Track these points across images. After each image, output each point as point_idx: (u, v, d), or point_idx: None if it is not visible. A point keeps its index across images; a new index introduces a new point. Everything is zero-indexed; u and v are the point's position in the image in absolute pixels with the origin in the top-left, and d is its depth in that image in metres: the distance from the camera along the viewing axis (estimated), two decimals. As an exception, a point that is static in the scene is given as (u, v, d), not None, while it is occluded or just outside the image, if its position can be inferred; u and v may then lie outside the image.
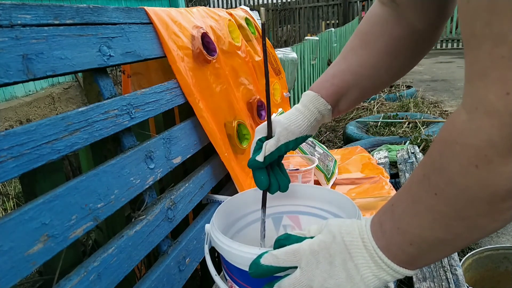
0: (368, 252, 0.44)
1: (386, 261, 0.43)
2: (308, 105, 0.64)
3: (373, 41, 0.63)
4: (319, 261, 0.46)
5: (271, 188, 0.63)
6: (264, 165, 0.61)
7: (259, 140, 0.63)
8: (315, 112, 0.64)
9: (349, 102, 0.66)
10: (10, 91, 3.62)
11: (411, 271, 0.44)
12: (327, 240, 0.46)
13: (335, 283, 0.45)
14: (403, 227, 0.42)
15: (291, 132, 0.62)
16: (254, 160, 0.61)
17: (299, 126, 0.63)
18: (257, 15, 1.73)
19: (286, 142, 0.62)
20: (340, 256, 0.45)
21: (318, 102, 0.64)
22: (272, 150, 0.61)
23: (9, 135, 0.52)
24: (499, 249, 1.44)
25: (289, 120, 0.63)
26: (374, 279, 0.44)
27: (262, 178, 0.62)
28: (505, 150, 0.32)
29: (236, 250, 0.53)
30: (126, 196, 0.72)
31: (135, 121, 0.80)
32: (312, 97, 0.64)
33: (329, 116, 0.66)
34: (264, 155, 0.61)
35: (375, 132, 3.22)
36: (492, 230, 0.37)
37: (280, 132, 0.62)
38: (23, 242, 0.52)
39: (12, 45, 0.56)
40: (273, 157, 0.62)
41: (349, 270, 0.45)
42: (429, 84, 5.43)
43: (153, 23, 0.93)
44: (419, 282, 0.92)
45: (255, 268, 0.48)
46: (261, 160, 0.61)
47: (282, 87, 1.68)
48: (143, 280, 0.75)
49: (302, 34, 9.52)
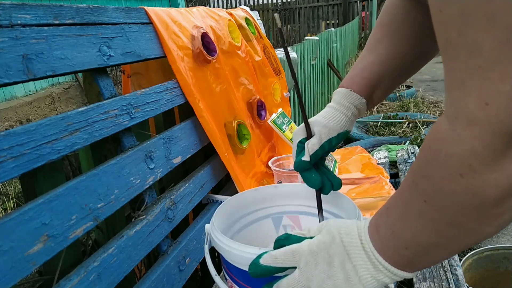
0: (366, 254, 0.44)
1: (384, 263, 0.43)
2: (342, 102, 0.63)
3: (397, 30, 0.62)
4: (318, 261, 0.46)
5: (324, 188, 0.62)
6: (311, 165, 0.60)
7: (299, 142, 0.61)
8: (351, 108, 0.63)
9: (382, 93, 0.65)
10: (10, 91, 3.62)
11: (410, 273, 0.43)
12: (326, 240, 0.46)
13: (333, 284, 0.45)
14: (397, 231, 0.42)
15: (331, 129, 0.61)
16: (300, 161, 0.59)
17: (338, 122, 0.61)
18: (257, 15, 1.73)
19: (329, 138, 0.60)
20: (339, 257, 0.45)
21: (352, 97, 0.63)
22: (316, 149, 0.59)
23: (9, 135, 0.52)
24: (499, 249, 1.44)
25: (326, 118, 0.62)
26: (373, 281, 0.44)
27: (314, 176, 0.60)
28: (488, 159, 0.32)
29: (236, 250, 0.53)
30: (126, 196, 0.72)
31: (135, 121, 0.80)
32: (345, 93, 0.63)
33: (364, 109, 0.65)
34: (309, 154, 0.59)
35: (375, 132, 3.22)
36: (488, 234, 0.37)
37: (320, 130, 0.61)
38: (23, 242, 0.52)
39: (12, 45, 0.56)
40: (317, 155, 0.60)
41: (347, 271, 0.45)
42: (429, 84, 5.43)
43: (153, 23, 0.93)
44: (419, 282, 0.92)
45: (255, 268, 0.48)
46: (307, 160, 0.59)
47: (282, 87, 1.68)
48: (143, 280, 0.75)
49: (302, 34, 9.52)
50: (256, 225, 0.73)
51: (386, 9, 0.65)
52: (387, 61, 0.63)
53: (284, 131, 1.41)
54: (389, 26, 0.64)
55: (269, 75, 1.56)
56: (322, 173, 0.63)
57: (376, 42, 0.65)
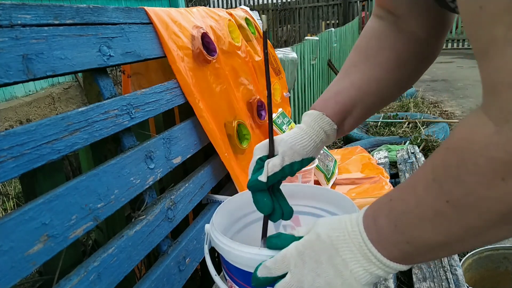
0: (357, 246, 0.43)
1: (377, 255, 0.42)
2: (312, 125, 0.59)
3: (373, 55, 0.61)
4: (305, 261, 0.45)
5: (274, 215, 0.56)
6: (266, 187, 0.55)
7: (259, 159, 0.57)
8: (321, 132, 0.59)
9: (355, 120, 0.62)
10: (10, 91, 3.62)
11: (405, 266, 0.42)
12: (311, 238, 0.46)
13: (325, 281, 0.44)
14: (402, 226, 0.41)
15: (296, 152, 0.56)
16: (256, 180, 0.54)
17: (305, 146, 0.56)
18: (257, 15, 1.73)
19: (291, 162, 0.55)
20: (325, 253, 0.44)
21: (323, 121, 0.59)
22: (276, 171, 0.54)
23: (9, 135, 0.52)
24: (499, 249, 1.44)
25: (293, 139, 0.57)
26: (365, 274, 0.43)
27: (265, 200, 0.55)
28: None
29: (236, 250, 0.53)
30: (126, 196, 0.72)
31: (135, 121, 0.80)
32: (316, 116, 0.59)
33: (333, 137, 0.61)
34: (267, 175, 0.54)
35: (375, 132, 3.22)
36: (497, 239, 0.36)
37: (285, 151, 0.55)
38: (23, 242, 0.52)
39: (12, 45, 0.56)
40: (276, 178, 0.55)
41: (337, 266, 0.44)
42: (429, 84, 5.43)
43: (153, 23, 0.93)
44: (419, 282, 0.92)
45: (256, 282, 0.48)
46: (264, 181, 0.54)
47: (282, 87, 1.68)
48: (143, 280, 0.75)
49: (302, 34, 9.52)
50: (256, 225, 0.73)
51: (364, 33, 0.63)
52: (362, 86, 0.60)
53: (284, 131, 1.41)
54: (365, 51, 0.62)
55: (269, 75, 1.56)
56: (276, 198, 0.57)
57: (352, 66, 0.62)
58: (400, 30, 0.59)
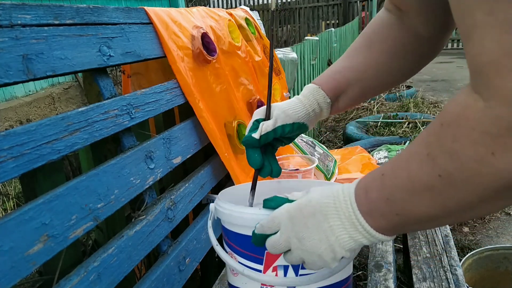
0: (346, 214, 0.45)
1: (364, 225, 0.44)
2: (308, 96, 0.65)
3: (377, 43, 0.65)
4: (294, 223, 0.48)
5: (263, 170, 0.63)
6: (259, 144, 0.62)
7: (255, 120, 0.64)
8: (314, 103, 0.65)
9: (349, 100, 0.67)
10: (10, 91, 3.62)
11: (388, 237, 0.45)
12: (302, 202, 0.49)
13: (310, 245, 0.47)
14: (393, 199, 0.42)
15: (288, 116, 0.63)
16: (249, 136, 0.61)
17: (297, 112, 0.64)
18: (257, 15, 1.73)
19: (283, 124, 0.62)
20: (314, 218, 0.47)
21: (318, 94, 0.65)
22: (269, 130, 0.61)
23: (9, 135, 0.52)
24: (499, 249, 1.44)
25: (287, 105, 0.64)
26: (350, 241, 0.46)
27: (256, 156, 0.62)
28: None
29: (235, 212, 0.57)
30: (126, 196, 0.72)
31: (135, 121, 0.80)
32: (313, 89, 0.66)
33: (327, 110, 0.67)
34: (260, 133, 0.61)
35: (375, 132, 3.22)
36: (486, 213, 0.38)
37: (278, 114, 0.62)
38: (23, 242, 0.52)
39: (12, 45, 0.56)
40: (268, 137, 0.62)
41: (324, 231, 0.46)
42: (429, 84, 5.44)
43: (153, 23, 0.93)
44: (419, 282, 0.92)
45: (254, 238, 0.52)
46: (256, 137, 0.61)
47: (282, 87, 1.68)
48: (143, 280, 0.75)
49: (302, 34, 9.52)
50: None
51: (372, 21, 0.68)
52: (360, 68, 0.65)
53: (284, 131, 1.41)
54: (371, 38, 0.66)
55: (269, 75, 1.56)
56: (267, 157, 0.64)
57: (354, 50, 0.68)
58: (405, 24, 0.62)
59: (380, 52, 0.65)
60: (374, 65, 0.65)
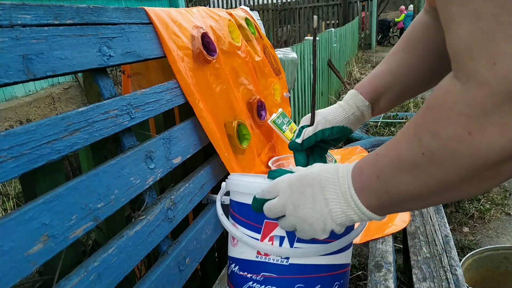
0: (342, 190, 0.48)
1: (356, 201, 0.47)
2: (348, 101, 0.72)
3: (414, 44, 0.68)
4: (292, 190, 0.51)
5: None
6: (302, 148, 0.70)
7: (301, 127, 0.71)
8: (353, 107, 0.71)
9: (389, 101, 0.72)
10: (10, 91, 3.62)
11: (378, 216, 0.48)
12: (302, 173, 0.52)
13: (304, 213, 0.50)
14: (383, 177, 0.45)
15: (328, 121, 0.70)
16: (293, 141, 0.70)
17: (336, 116, 0.71)
18: (257, 15, 1.73)
19: (323, 129, 0.69)
20: (311, 188, 0.50)
21: (357, 98, 0.71)
22: (310, 135, 0.69)
23: (9, 135, 0.52)
24: (499, 249, 1.44)
25: (328, 111, 0.72)
26: (342, 215, 0.49)
27: (300, 158, 0.71)
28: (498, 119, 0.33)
29: (242, 181, 0.62)
30: (126, 196, 0.72)
31: (135, 121, 0.80)
32: (352, 94, 0.72)
33: (368, 112, 0.72)
34: (302, 138, 0.69)
35: (375, 132, 3.22)
36: (469, 194, 0.40)
37: (319, 120, 0.70)
38: (23, 242, 0.52)
39: (12, 45, 0.56)
40: (310, 141, 0.69)
41: (319, 202, 0.49)
42: (429, 84, 5.43)
43: (153, 23, 0.93)
44: (419, 282, 0.92)
45: (254, 202, 0.56)
46: (299, 142, 0.69)
47: (282, 87, 1.68)
48: (143, 280, 0.75)
49: (302, 34, 9.52)
50: None
51: (412, 23, 0.71)
52: (397, 71, 0.69)
53: (284, 131, 1.41)
54: (408, 40, 0.70)
55: (269, 75, 1.56)
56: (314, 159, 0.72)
57: (392, 53, 0.72)
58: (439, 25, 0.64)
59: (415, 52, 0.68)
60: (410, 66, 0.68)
